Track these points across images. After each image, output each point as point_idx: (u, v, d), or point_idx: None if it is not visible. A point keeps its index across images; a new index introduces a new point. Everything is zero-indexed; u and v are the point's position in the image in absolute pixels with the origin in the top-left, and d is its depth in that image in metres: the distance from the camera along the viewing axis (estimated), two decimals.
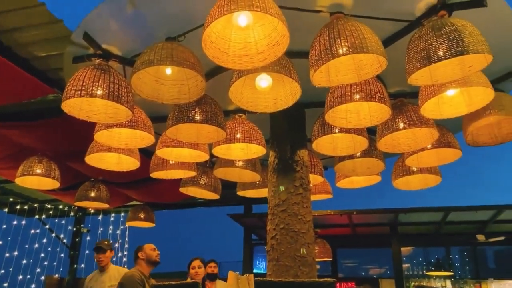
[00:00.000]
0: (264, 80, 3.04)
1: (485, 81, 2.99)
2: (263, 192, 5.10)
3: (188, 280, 5.28)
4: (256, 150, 3.98)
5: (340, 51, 2.53)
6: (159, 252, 4.71)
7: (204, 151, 4.07)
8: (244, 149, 4.11)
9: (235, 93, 3.09)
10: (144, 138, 3.66)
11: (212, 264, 5.87)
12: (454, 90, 3.16)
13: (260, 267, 13.07)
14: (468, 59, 2.70)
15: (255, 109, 3.26)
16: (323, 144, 4.02)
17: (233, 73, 2.95)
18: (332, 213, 8.34)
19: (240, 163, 4.63)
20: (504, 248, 12.03)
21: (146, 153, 4.64)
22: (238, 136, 3.80)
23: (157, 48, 2.76)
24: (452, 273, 10.64)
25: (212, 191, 5.13)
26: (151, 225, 7.15)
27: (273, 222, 3.81)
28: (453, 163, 4.19)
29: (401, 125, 3.59)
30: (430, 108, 3.31)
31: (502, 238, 9.27)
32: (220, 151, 4.00)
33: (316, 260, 8.12)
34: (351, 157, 4.39)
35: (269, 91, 3.22)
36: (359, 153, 4.35)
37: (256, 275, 5.80)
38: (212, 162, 4.98)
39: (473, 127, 3.67)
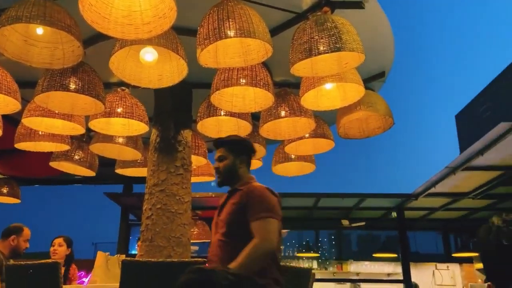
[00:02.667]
0: (149, 54, 2.91)
1: (358, 79, 3.24)
2: (144, 171, 4.94)
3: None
4: (138, 127, 3.82)
5: (229, 33, 2.53)
6: (28, 246, 4.29)
7: (80, 124, 3.78)
8: (125, 125, 3.92)
9: (117, 64, 2.91)
10: (9, 104, 3.27)
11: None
12: (332, 84, 3.39)
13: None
14: (344, 56, 2.89)
15: (138, 83, 3.12)
16: (208, 126, 4.02)
17: (116, 42, 2.77)
18: (213, 196, 8.43)
19: (120, 140, 4.41)
20: (365, 233, 13.39)
21: (11, 121, 4.16)
22: (119, 110, 3.60)
23: (28, 3, 2.47)
24: (318, 255, 11.56)
25: (87, 168, 4.82)
26: (16, 201, 6.48)
27: (150, 202, 3.71)
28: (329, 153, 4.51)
29: (283, 113, 3.75)
30: (310, 100, 3.50)
31: (363, 223, 10.32)
32: (98, 125, 3.76)
33: (195, 241, 8.19)
34: None
35: (154, 66, 3.10)
36: None
37: (131, 256, 5.62)
38: (89, 137, 4.67)
39: (345, 121, 3.97)
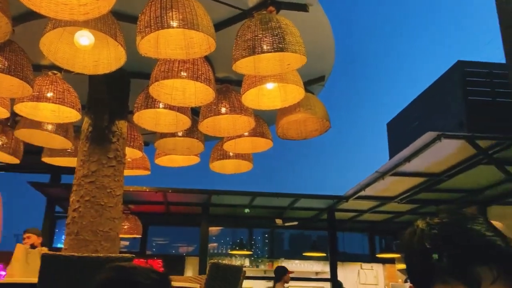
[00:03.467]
0: (84, 38, 2.75)
1: (299, 81, 3.29)
2: (73, 161, 4.68)
3: None
4: (69, 114, 3.61)
5: (171, 23, 2.46)
6: None
7: (4, 107, 3.51)
8: (55, 111, 3.70)
9: (48, 45, 2.73)
10: None
11: None
12: (273, 84, 3.41)
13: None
14: (287, 57, 2.92)
15: (72, 67, 2.95)
16: (145, 118, 3.89)
17: (48, 22, 2.59)
18: (147, 190, 8.22)
19: (50, 127, 4.15)
20: (297, 232, 13.70)
21: None
22: (49, 95, 3.38)
23: None
24: (251, 252, 11.67)
25: (11, 154, 4.48)
26: None
27: (78, 194, 3.53)
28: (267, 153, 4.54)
29: (223, 110, 3.72)
30: (251, 98, 3.51)
31: (296, 223, 10.56)
32: (24, 109, 3.51)
33: (126, 236, 7.93)
34: (172, 135, 4.37)
35: (90, 51, 2.95)
36: (181, 132, 4.36)
37: (56, 250, 5.31)
38: (15, 121, 4.35)
39: (284, 121, 4.02)
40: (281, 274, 6.95)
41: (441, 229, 0.84)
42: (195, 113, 4.13)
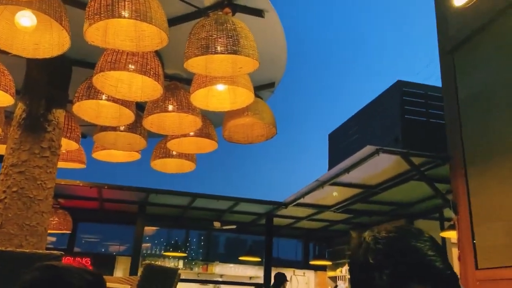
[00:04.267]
0: (26, 18, 2.56)
1: (249, 85, 3.29)
2: (2, 149, 4.36)
3: None
4: (2, 98, 3.35)
5: (123, 12, 2.36)
6: None
7: None
8: None
9: None
10: None
11: None
12: (223, 86, 3.38)
13: None
14: (240, 60, 2.91)
15: (9, 48, 2.74)
16: (86, 109, 3.70)
17: None
18: (81, 184, 7.83)
19: None
20: (233, 236, 13.69)
21: None
22: None
23: None
24: (186, 254, 11.49)
25: None
26: None
27: (5, 184, 3.27)
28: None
29: (170, 107, 3.63)
30: (200, 98, 3.45)
31: (234, 226, 10.56)
32: None
33: (54, 232, 7.49)
34: (114, 129, 4.20)
35: (31, 33, 2.75)
36: (123, 127, 4.20)
37: None
38: None
39: (232, 124, 4.00)
40: (281, 281, 6.93)
41: (385, 245, 0.86)
42: (140, 108, 3.99)
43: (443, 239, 7.29)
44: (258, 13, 3.11)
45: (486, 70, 5.13)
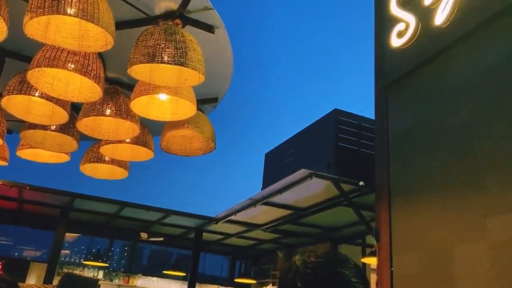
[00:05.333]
0: None
1: (192, 97, 3.28)
2: None
3: None
4: None
5: (68, 10, 2.27)
6: None
7: None
8: None
9: None
10: None
11: None
12: (166, 96, 3.34)
13: None
14: (185, 72, 2.90)
15: None
16: (16, 104, 3.48)
17: None
18: (0, 183, 7.29)
19: None
20: (159, 248, 13.36)
21: None
22: None
23: None
24: (107, 265, 11.00)
25: None
26: None
27: None
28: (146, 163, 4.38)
29: (108, 111, 3.52)
30: (140, 105, 3.38)
31: (161, 238, 10.31)
32: None
33: None
34: (44, 127, 3.98)
35: None
36: (54, 126, 3.99)
37: None
38: None
39: (170, 135, 3.95)
40: None
41: (314, 269, 0.90)
42: (75, 109, 3.83)
43: (364, 264, 7.62)
44: (209, 28, 3.13)
45: (417, 110, 5.52)
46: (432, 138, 5.11)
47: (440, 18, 5.22)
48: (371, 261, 6.92)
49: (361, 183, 6.00)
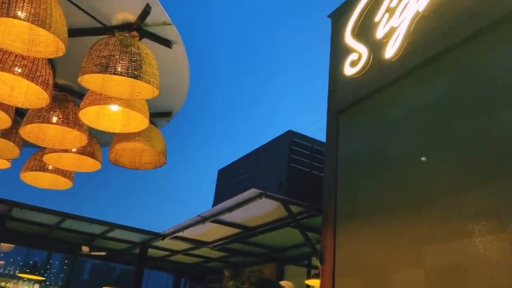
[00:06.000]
0: None
1: (145, 110, 3.23)
2: None
3: None
4: None
5: (19, 13, 2.20)
6: None
7: None
8: None
9: None
10: None
11: None
12: (118, 107, 3.27)
13: None
14: (139, 85, 2.86)
15: None
16: None
17: None
18: None
19: None
20: (101, 263, 12.86)
21: None
22: None
23: None
24: (44, 278, 10.43)
25: None
26: None
27: None
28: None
29: (55, 119, 3.40)
30: (90, 115, 3.29)
31: (104, 253, 9.93)
32: None
33: None
34: None
35: None
36: None
37: None
38: None
39: (120, 147, 3.86)
40: None
41: None
42: (20, 114, 3.67)
43: (308, 286, 7.69)
44: (166, 43, 3.12)
45: (364, 137, 5.73)
46: (376, 165, 5.31)
47: (390, 52, 5.50)
48: (315, 283, 7.00)
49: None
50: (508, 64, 4.23)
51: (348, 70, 6.23)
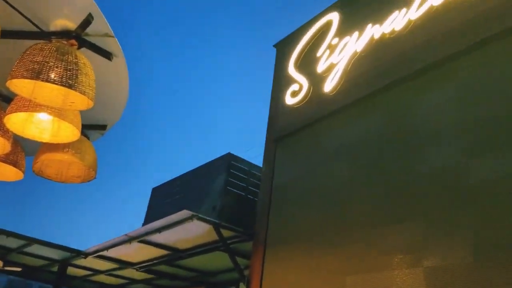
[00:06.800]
0: None
1: (78, 122, 3.10)
2: None
3: None
4: None
5: None
6: None
7: None
8: None
9: None
10: None
11: None
12: (48, 116, 3.12)
13: None
14: (73, 95, 2.76)
15: None
16: None
17: None
18: None
19: None
20: (17, 280, 11.92)
21: None
22: None
23: None
24: None
25: None
26: None
27: None
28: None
29: None
30: (16, 121, 3.11)
31: (19, 269, 9.21)
32: None
33: None
34: None
35: None
36: None
37: None
38: None
39: (46, 157, 3.66)
40: None
41: None
42: None
43: None
44: (106, 55, 3.05)
45: (300, 165, 5.88)
46: (308, 195, 5.46)
47: (328, 86, 5.76)
48: None
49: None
50: (435, 105, 4.57)
51: (289, 100, 6.42)
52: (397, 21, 5.24)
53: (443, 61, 4.65)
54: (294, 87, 6.43)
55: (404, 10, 5.22)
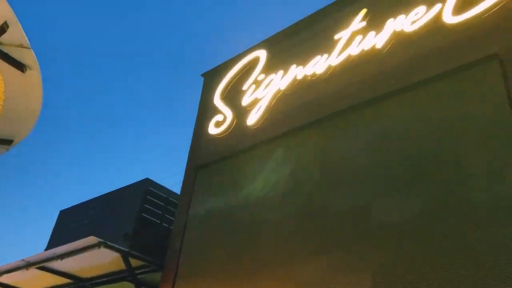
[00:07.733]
0: None
1: None
2: None
3: None
4: None
5: None
6: None
7: None
8: None
9: None
10: None
11: None
12: None
13: None
14: None
15: None
16: None
17: None
18: None
19: None
20: None
21: None
22: None
23: None
24: None
25: None
26: None
27: None
28: None
29: None
30: None
31: None
32: None
33: None
34: None
35: None
36: None
37: None
38: None
39: None
40: None
41: None
42: None
43: None
44: (20, 66, 2.88)
45: (217, 196, 5.86)
46: (223, 227, 5.43)
47: (251, 119, 5.90)
48: None
49: None
50: (346, 149, 4.86)
51: (212, 130, 6.44)
52: (319, 65, 5.57)
53: (359, 106, 4.98)
54: (218, 117, 6.48)
55: (325, 55, 5.56)
